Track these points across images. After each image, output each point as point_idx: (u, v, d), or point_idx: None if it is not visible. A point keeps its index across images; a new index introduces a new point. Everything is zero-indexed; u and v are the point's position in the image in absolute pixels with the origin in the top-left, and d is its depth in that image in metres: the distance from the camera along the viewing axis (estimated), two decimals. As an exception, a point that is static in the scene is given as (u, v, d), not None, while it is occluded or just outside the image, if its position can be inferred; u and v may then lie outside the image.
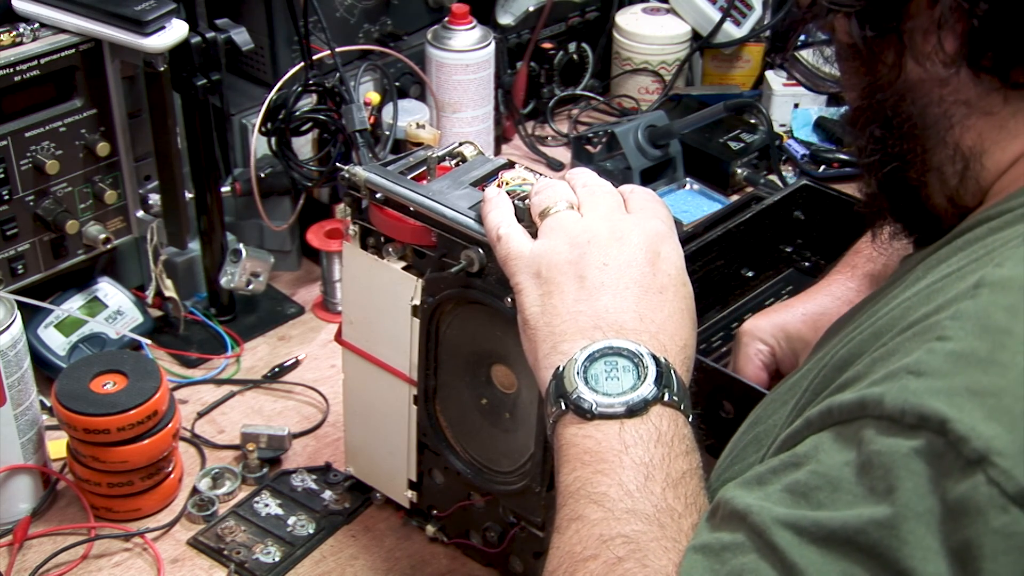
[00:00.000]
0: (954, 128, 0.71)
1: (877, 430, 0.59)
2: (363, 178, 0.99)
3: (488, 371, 1.00)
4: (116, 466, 1.11)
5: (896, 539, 0.56)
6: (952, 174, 0.72)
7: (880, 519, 0.57)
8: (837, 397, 0.63)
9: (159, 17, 1.18)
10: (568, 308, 0.78)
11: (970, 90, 0.69)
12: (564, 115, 1.85)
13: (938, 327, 0.60)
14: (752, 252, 1.36)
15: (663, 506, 0.70)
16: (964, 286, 0.62)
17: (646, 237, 0.81)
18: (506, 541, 1.04)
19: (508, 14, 1.73)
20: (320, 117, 1.38)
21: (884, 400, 0.59)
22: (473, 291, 0.94)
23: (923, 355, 0.59)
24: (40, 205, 1.24)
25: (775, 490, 0.63)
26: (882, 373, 0.61)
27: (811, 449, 0.63)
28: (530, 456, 0.97)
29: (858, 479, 0.59)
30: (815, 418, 0.64)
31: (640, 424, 0.73)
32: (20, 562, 1.09)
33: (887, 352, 0.63)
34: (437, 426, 1.04)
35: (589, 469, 0.72)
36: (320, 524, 1.14)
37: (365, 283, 1.04)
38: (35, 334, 1.29)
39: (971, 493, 0.55)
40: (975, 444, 0.55)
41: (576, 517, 0.71)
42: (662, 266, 0.80)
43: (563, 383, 0.75)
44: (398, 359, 1.04)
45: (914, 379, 0.58)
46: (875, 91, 0.73)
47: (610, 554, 0.67)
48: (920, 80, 0.70)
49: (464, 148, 1.04)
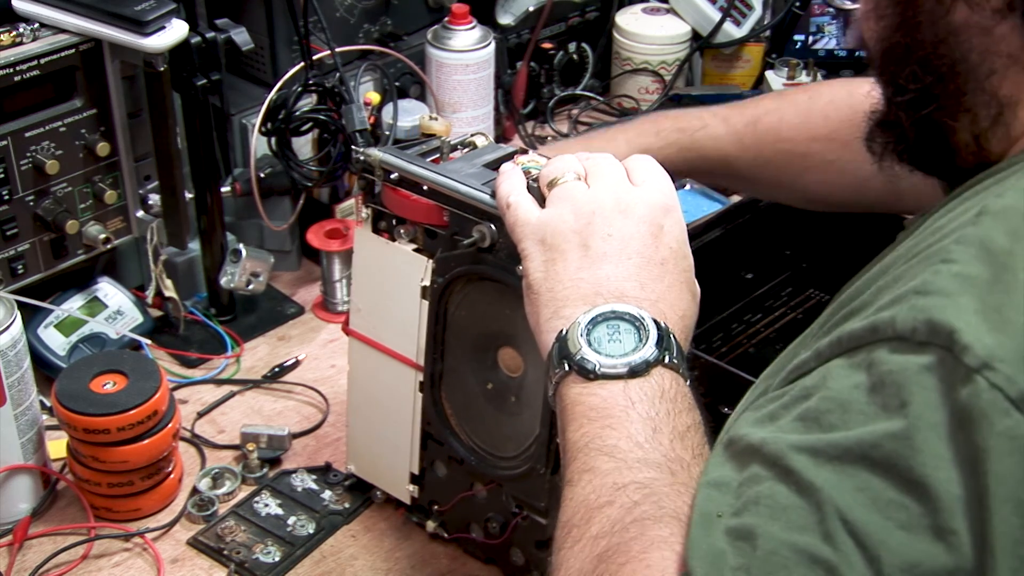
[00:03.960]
0: (993, 76, 0.71)
1: (889, 350, 0.61)
2: (378, 159, 1.00)
3: (495, 354, 1.01)
4: (116, 466, 1.11)
5: (910, 449, 0.58)
6: (984, 117, 0.73)
7: (894, 432, 0.59)
8: (846, 326, 0.65)
9: (159, 17, 1.18)
10: (571, 275, 0.81)
11: (1013, 42, 0.69)
12: (564, 115, 1.85)
13: (943, 251, 0.63)
14: (752, 254, 1.36)
15: (672, 456, 0.72)
16: (967, 216, 0.64)
17: (650, 210, 0.83)
18: (508, 531, 1.04)
19: (508, 14, 1.73)
20: (320, 117, 1.38)
21: (895, 320, 0.61)
22: (484, 267, 0.96)
23: (929, 276, 0.62)
24: (40, 205, 1.24)
25: (787, 422, 0.64)
26: (889, 298, 0.63)
27: (820, 379, 0.65)
28: (535, 438, 0.98)
29: (870, 399, 0.61)
30: (824, 349, 0.66)
31: (643, 382, 0.75)
32: (20, 562, 1.09)
33: (893, 279, 0.65)
34: (442, 413, 1.05)
35: (597, 424, 0.74)
36: (320, 524, 1.14)
37: (376, 267, 1.05)
38: (35, 334, 1.29)
39: (975, 399, 0.57)
40: (978, 351, 0.57)
41: (588, 469, 0.72)
42: (664, 239, 0.83)
43: (567, 345, 0.77)
44: (405, 345, 1.05)
45: (922, 298, 0.61)
46: (913, 28, 0.73)
47: (625, 499, 0.69)
48: (965, 24, 0.70)
49: (476, 138, 1.06)
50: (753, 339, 1.31)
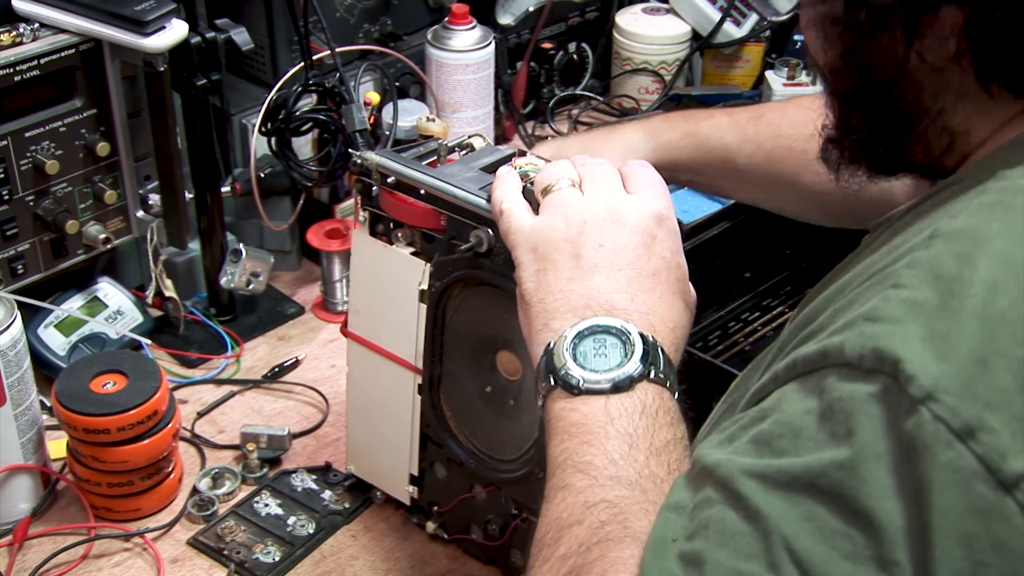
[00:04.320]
0: (945, 112, 0.72)
1: (838, 377, 0.61)
2: (375, 162, 1.00)
3: (493, 357, 1.00)
4: (116, 466, 1.11)
5: (855, 479, 0.58)
6: (937, 145, 0.73)
7: (840, 461, 0.59)
8: (801, 349, 0.65)
9: (159, 17, 1.18)
10: (561, 286, 0.80)
11: (964, 81, 0.69)
12: (564, 115, 1.85)
13: (893, 275, 0.62)
14: (751, 253, 1.36)
15: (646, 472, 0.72)
16: (919, 238, 0.64)
17: (642, 219, 0.83)
18: (507, 533, 1.04)
19: (508, 14, 1.73)
20: (320, 117, 1.38)
21: (844, 347, 0.61)
22: (481, 272, 0.96)
23: (879, 302, 0.61)
24: (40, 205, 1.24)
25: (741, 443, 0.65)
26: (842, 322, 0.63)
27: (775, 401, 0.65)
28: (534, 442, 0.97)
29: (820, 425, 0.61)
30: (781, 371, 0.66)
31: (625, 398, 0.75)
32: (20, 562, 1.09)
33: (847, 303, 0.65)
34: (441, 415, 1.05)
35: (576, 440, 0.74)
36: (320, 524, 1.14)
37: (373, 270, 1.05)
38: (35, 334, 1.29)
39: (919, 431, 0.56)
40: (922, 381, 0.57)
41: (563, 486, 0.73)
42: (657, 249, 0.82)
43: (553, 359, 0.77)
44: (404, 347, 1.05)
45: (870, 325, 0.60)
46: (864, 70, 0.73)
47: (593, 519, 0.69)
48: (917, 67, 0.70)
49: (474, 140, 1.06)
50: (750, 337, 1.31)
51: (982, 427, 0.56)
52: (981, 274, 0.59)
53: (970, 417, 0.56)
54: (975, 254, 0.60)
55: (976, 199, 0.64)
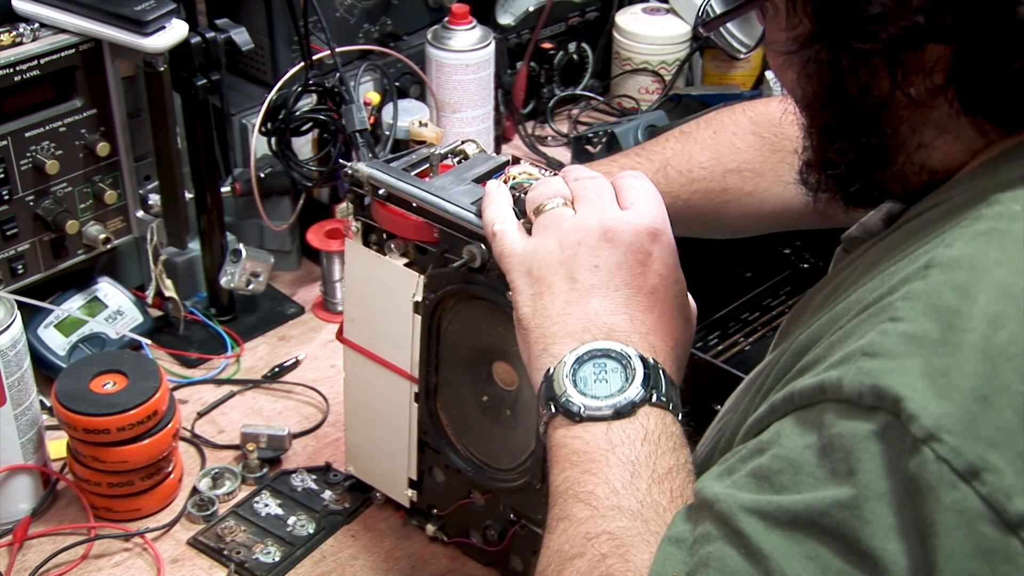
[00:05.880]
0: (923, 147, 0.71)
1: (837, 413, 0.60)
2: (366, 174, 0.99)
3: (489, 368, 1.00)
4: (116, 466, 1.11)
5: (858, 520, 0.57)
6: (913, 175, 0.73)
7: (842, 500, 0.58)
8: (797, 382, 0.64)
9: (159, 17, 1.19)
10: (559, 310, 0.79)
11: (943, 114, 0.69)
12: (564, 115, 1.85)
13: (891, 308, 0.61)
14: (751, 253, 1.36)
15: (648, 501, 0.71)
16: (915, 267, 0.63)
17: (637, 236, 0.81)
18: (506, 540, 1.04)
19: (508, 14, 1.73)
20: (320, 117, 1.38)
21: (842, 383, 0.60)
22: (475, 286, 0.95)
23: (876, 336, 0.60)
24: (40, 205, 1.24)
25: (741, 477, 0.64)
26: (839, 356, 0.62)
27: (774, 435, 0.64)
28: (531, 453, 0.97)
29: (820, 461, 0.60)
30: (778, 404, 0.65)
31: (627, 424, 0.74)
32: (20, 562, 1.09)
33: (844, 335, 0.64)
34: (438, 424, 1.05)
35: (577, 469, 0.73)
36: (320, 524, 1.14)
37: (367, 280, 1.04)
38: (35, 334, 1.29)
39: (922, 471, 0.56)
40: (924, 421, 0.56)
41: (564, 516, 0.72)
42: (653, 266, 0.81)
43: (552, 386, 0.76)
44: (399, 356, 1.04)
45: (869, 360, 0.59)
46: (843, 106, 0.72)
47: (594, 551, 0.68)
48: (896, 102, 0.69)
49: (467, 146, 1.04)
50: (750, 337, 1.31)
51: (986, 467, 0.55)
52: (980, 306, 0.58)
53: (973, 457, 0.55)
54: (973, 285, 0.59)
55: (971, 226, 0.62)
